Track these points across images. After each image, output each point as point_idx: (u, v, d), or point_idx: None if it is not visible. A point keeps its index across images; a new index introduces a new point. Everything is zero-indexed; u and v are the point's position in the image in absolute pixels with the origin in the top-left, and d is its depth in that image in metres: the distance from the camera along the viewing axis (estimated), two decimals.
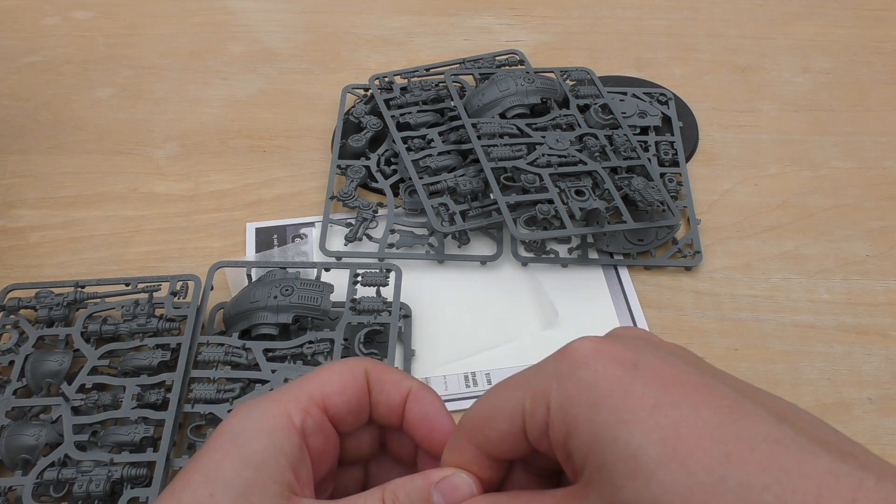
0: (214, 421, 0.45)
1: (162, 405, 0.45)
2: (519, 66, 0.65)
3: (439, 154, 0.57)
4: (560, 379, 0.24)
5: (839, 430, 0.22)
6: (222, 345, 0.47)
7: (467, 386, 0.48)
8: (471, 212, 0.54)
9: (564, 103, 0.60)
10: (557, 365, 0.24)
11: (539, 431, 0.24)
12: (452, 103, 0.60)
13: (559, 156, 0.55)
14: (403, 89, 0.62)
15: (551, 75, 0.62)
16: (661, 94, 0.64)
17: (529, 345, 0.50)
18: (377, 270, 0.50)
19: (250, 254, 0.55)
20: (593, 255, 0.54)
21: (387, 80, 0.63)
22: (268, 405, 0.27)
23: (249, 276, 0.52)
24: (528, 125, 0.57)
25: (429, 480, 0.26)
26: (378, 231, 0.55)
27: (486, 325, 0.51)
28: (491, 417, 0.25)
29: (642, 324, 0.51)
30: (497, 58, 0.66)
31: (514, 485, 0.27)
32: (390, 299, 0.49)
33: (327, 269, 0.51)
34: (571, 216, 0.51)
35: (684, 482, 0.20)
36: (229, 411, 0.44)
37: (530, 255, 0.54)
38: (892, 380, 0.49)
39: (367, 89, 0.65)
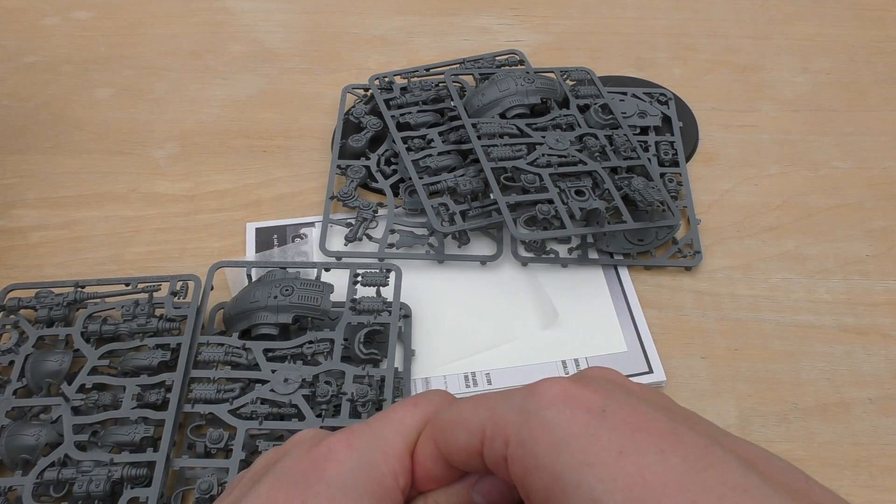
0: (215, 421, 0.45)
1: (162, 405, 0.45)
2: (519, 66, 0.65)
3: (439, 154, 0.57)
4: (524, 415, 0.23)
5: (811, 477, 0.22)
6: (222, 345, 0.47)
7: (467, 386, 0.48)
8: (471, 212, 0.54)
9: (564, 103, 0.60)
10: (524, 400, 0.24)
11: (496, 459, 0.24)
12: (452, 103, 0.60)
13: (559, 156, 0.55)
14: (403, 89, 0.62)
15: (551, 75, 0.62)
16: (661, 94, 0.64)
17: (529, 345, 0.50)
18: (377, 270, 0.50)
19: (250, 254, 0.55)
20: (593, 255, 0.54)
21: (387, 80, 0.63)
22: (375, 456, 0.26)
23: (249, 276, 0.52)
24: (528, 125, 0.57)
25: (466, 484, 0.26)
26: (378, 231, 0.55)
27: (486, 325, 0.51)
28: (455, 425, 0.25)
29: (642, 324, 0.51)
30: (497, 58, 0.66)
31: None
32: (390, 299, 0.49)
33: (327, 269, 0.51)
34: (571, 216, 0.51)
35: None
36: (229, 411, 0.44)
37: (530, 255, 0.54)
38: (892, 380, 0.49)
39: (367, 89, 0.65)
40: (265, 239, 0.56)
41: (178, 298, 0.50)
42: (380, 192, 0.58)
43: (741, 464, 0.21)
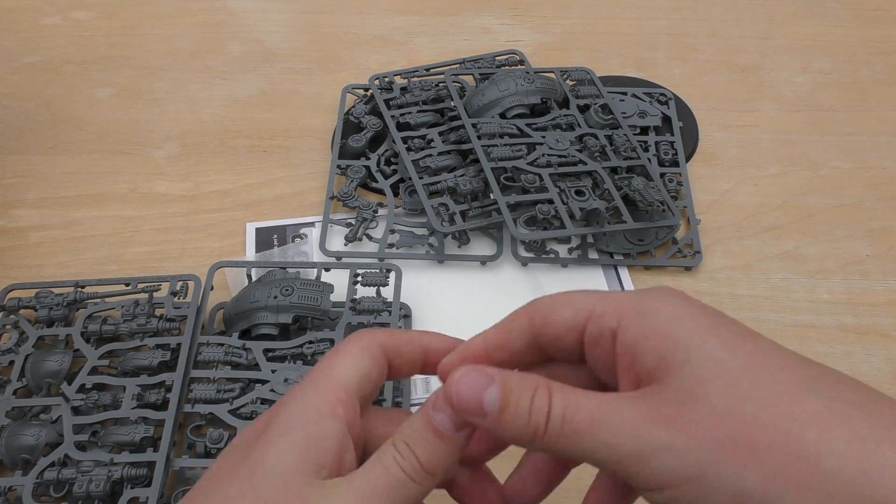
0: (215, 421, 0.45)
1: (162, 405, 0.45)
2: (519, 66, 0.65)
3: (439, 154, 0.57)
4: (643, 297, 0.26)
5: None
6: (222, 345, 0.47)
7: None
8: (471, 212, 0.54)
9: (564, 103, 0.60)
10: (640, 292, 0.26)
11: (599, 332, 0.26)
12: (452, 103, 0.60)
13: (559, 156, 0.55)
14: (403, 89, 0.62)
15: (551, 75, 0.62)
16: (661, 94, 0.64)
17: None
18: (377, 270, 0.50)
19: (250, 254, 0.55)
20: (593, 255, 0.54)
21: (387, 80, 0.63)
22: (311, 398, 0.27)
23: (249, 276, 0.52)
24: (528, 125, 0.57)
25: (426, 409, 0.27)
26: (378, 231, 0.55)
27: (486, 325, 0.51)
28: (559, 304, 0.27)
29: None
30: (497, 58, 0.66)
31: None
32: (390, 299, 0.49)
33: (327, 269, 0.51)
34: (571, 216, 0.51)
35: (775, 391, 0.23)
36: (229, 411, 0.44)
37: (530, 255, 0.54)
38: (893, 380, 0.49)
39: (367, 89, 0.65)
40: (265, 239, 0.56)
41: (178, 298, 0.50)
42: (380, 192, 0.58)
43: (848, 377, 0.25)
